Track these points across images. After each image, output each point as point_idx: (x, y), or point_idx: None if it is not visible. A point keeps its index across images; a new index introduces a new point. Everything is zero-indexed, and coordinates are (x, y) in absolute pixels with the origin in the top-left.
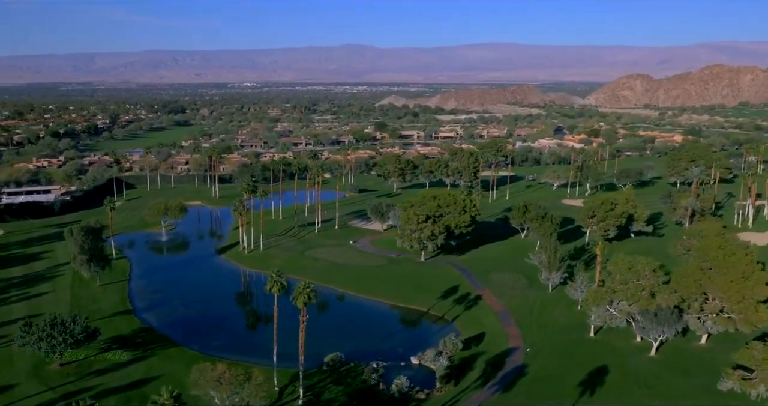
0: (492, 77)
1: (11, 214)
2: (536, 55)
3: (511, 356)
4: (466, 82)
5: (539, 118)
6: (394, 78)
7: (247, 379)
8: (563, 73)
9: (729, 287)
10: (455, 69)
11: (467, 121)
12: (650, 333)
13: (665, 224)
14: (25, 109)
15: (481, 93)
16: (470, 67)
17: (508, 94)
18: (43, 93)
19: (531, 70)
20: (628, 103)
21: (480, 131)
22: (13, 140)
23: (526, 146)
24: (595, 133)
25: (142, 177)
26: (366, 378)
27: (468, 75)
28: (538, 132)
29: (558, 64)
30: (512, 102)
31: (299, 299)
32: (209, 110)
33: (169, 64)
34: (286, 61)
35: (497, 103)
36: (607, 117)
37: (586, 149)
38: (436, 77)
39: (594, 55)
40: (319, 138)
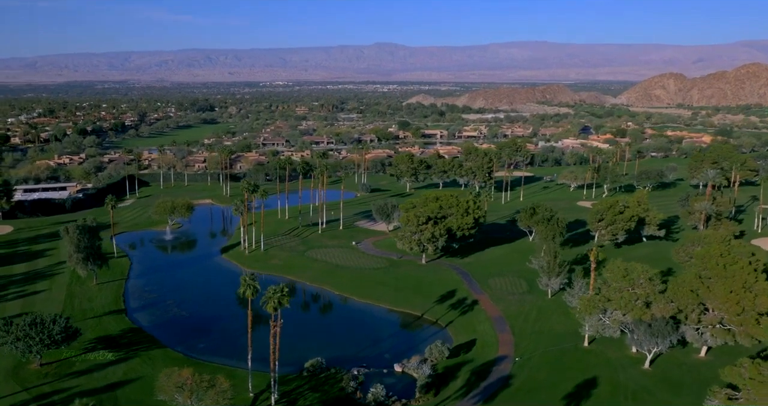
0: (523, 76)
1: (23, 211)
2: (569, 53)
3: (499, 365)
4: (497, 80)
5: (567, 118)
6: (424, 77)
7: (212, 386)
8: (596, 72)
9: (728, 298)
10: (486, 68)
11: (493, 120)
12: (644, 345)
13: (682, 228)
14: (58, 107)
15: (510, 92)
16: (502, 66)
17: (537, 93)
18: (80, 91)
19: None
20: (660, 103)
21: (504, 131)
22: (40, 138)
23: (549, 146)
24: (621, 134)
25: (158, 175)
26: (344, 386)
27: (499, 74)
28: (563, 132)
29: (591, 63)
30: (541, 101)
31: (269, 304)
32: (237, 108)
33: (204, 62)
34: (317, 60)
35: (526, 102)
36: (636, 117)
37: (604, 149)
38: (467, 76)
39: (628, 53)
40: (340, 137)
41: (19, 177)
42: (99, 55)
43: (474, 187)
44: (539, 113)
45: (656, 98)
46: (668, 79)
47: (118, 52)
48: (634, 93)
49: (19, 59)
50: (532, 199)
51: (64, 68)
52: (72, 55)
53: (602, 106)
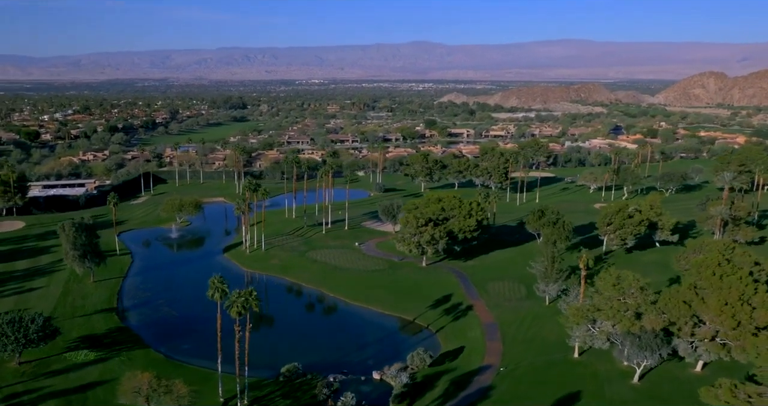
0: (561, 74)
1: (38, 207)
2: (609, 51)
3: (482, 374)
4: (535, 79)
5: (599, 118)
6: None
7: (168, 391)
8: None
9: (723, 311)
10: (524, 66)
11: (523, 119)
12: (632, 358)
13: (700, 233)
14: (94, 104)
15: (544, 91)
16: (539, 65)
17: (572, 92)
18: (120, 88)
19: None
20: (699, 102)
21: (532, 130)
22: (71, 134)
23: (575, 146)
24: (652, 134)
25: (178, 172)
26: (317, 393)
27: (537, 72)
28: (592, 131)
29: (632, 62)
30: (575, 100)
31: (232, 308)
32: (269, 106)
33: (241, 61)
34: (354, 59)
35: (560, 101)
36: (671, 116)
37: (626, 150)
38: (504, 74)
39: (671, 52)
40: (365, 135)
41: (41, 173)
42: (140, 54)
43: (490, 187)
44: (571, 113)
45: (695, 98)
46: (708, 78)
47: (158, 50)
48: (672, 92)
49: (65, 58)
50: (549, 201)
51: (107, 66)
52: (114, 53)
53: (638, 106)
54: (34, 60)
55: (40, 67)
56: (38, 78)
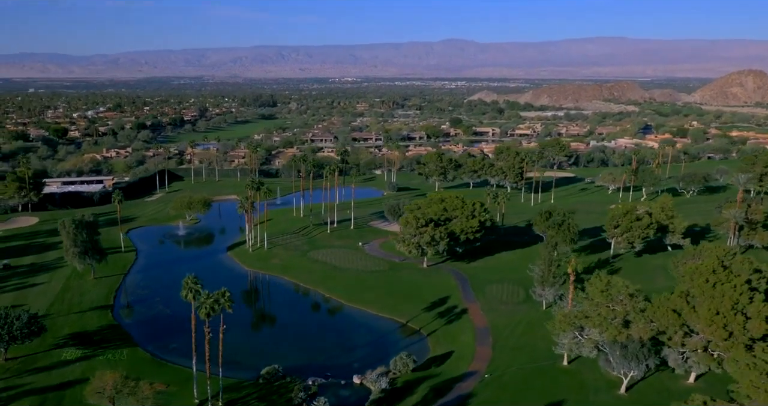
0: (597, 73)
1: (53, 203)
2: (646, 49)
3: (465, 381)
4: (570, 77)
5: (629, 116)
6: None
7: (132, 393)
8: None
9: (714, 320)
10: (558, 64)
11: (552, 118)
12: (617, 368)
13: (717, 237)
14: (127, 102)
15: (576, 89)
16: (574, 63)
17: (604, 90)
18: (156, 86)
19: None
20: (737, 101)
21: (559, 129)
22: (99, 131)
23: (600, 146)
24: (681, 133)
25: (197, 170)
26: (293, 396)
27: (572, 70)
28: (619, 131)
29: (671, 60)
30: (607, 99)
31: (202, 309)
32: (298, 104)
33: (276, 59)
34: (387, 57)
35: (592, 99)
36: (704, 115)
37: (645, 149)
38: (539, 73)
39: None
40: (389, 134)
41: (62, 169)
42: (176, 52)
43: (505, 187)
44: (602, 111)
45: (733, 96)
46: (746, 77)
47: (194, 48)
48: (709, 91)
49: (103, 56)
50: (564, 202)
51: (144, 65)
52: (151, 51)
53: (672, 105)
54: (75, 58)
55: (80, 65)
56: (78, 76)
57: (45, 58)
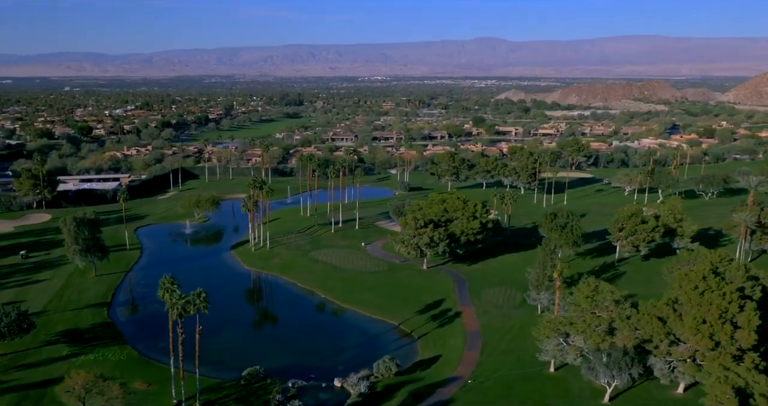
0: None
1: (67, 200)
2: (682, 47)
3: (447, 386)
4: (603, 76)
5: (658, 116)
6: (526, 72)
7: (100, 392)
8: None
9: (699, 329)
10: (592, 63)
11: (578, 117)
12: (599, 377)
13: (730, 241)
14: (156, 100)
15: (605, 88)
16: (608, 61)
17: (634, 89)
18: (188, 85)
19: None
20: None
21: (584, 129)
22: (124, 129)
23: (622, 146)
24: (709, 134)
25: (212, 168)
26: (270, 398)
27: (605, 69)
28: (645, 130)
29: (707, 58)
30: (637, 98)
31: (173, 310)
32: (324, 103)
33: (306, 58)
34: (418, 55)
35: (621, 99)
36: (736, 115)
37: (668, 150)
38: (571, 71)
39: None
40: (410, 133)
41: (82, 167)
42: (209, 51)
43: (518, 187)
44: (630, 111)
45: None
46: None
47: (226, 48)
48: (743, 90)
49: (137, 55)
50: (578, 203)
51: (177, 64)
52: (185, 51)
53: (704, 104)
54: (110, 57)
55: (114, 64)
56: (113, 75)
57: (81, 57)
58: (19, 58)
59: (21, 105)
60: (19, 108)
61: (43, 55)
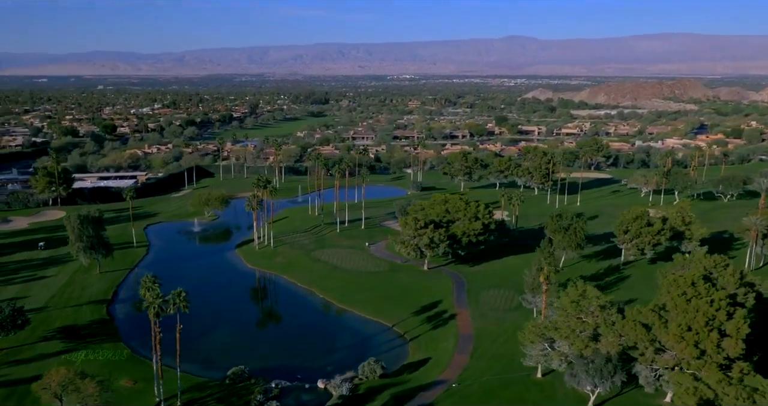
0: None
1: (83, 197)
2: (716, 46)
3: (431, 390)
4: (634, 74)
5: (686, 116)
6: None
7: (75, 389)
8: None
9: (684, 337)
10: (623, 61)
11: (605, 116)
12: (582, 384)
13: (744, 245)
14: (184, 99)
15: (634, 87)
16: (639, 60)
17: (665, 88)
18: (218, 83)
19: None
20: None
21: (608, 128)
22: (148, 127)
23: (645, 146)
24: (736, 134)
25: (228, 166)
26: (251, 399)
27: (636, 67)
28: (670, 130)
29: (742, 56)
30: (668, 97)
31: (150, 310)
32: (349, 102)
33: (336, 56)
34: (446, 54)
35: (651, 98)
36: (766, 115)
37: (679, 151)
38: (602, 70)
39: None
40: (431, 132)
41: (101, 165)
42: (240, 50)
43: (532, 188)
44: (658, 110)
45: None
46: None
47: (256, 46)
48: None
49: (169, 54)
50: (592, 204)
51: (208, 62)
52: (216, 49)
53: (736, 104)
54: (143, 56)
55: (147, 63)
56: (146, 73)
57: (115, 56)
58: (54, 57)
59: (52, 103)
60: (49, 106)
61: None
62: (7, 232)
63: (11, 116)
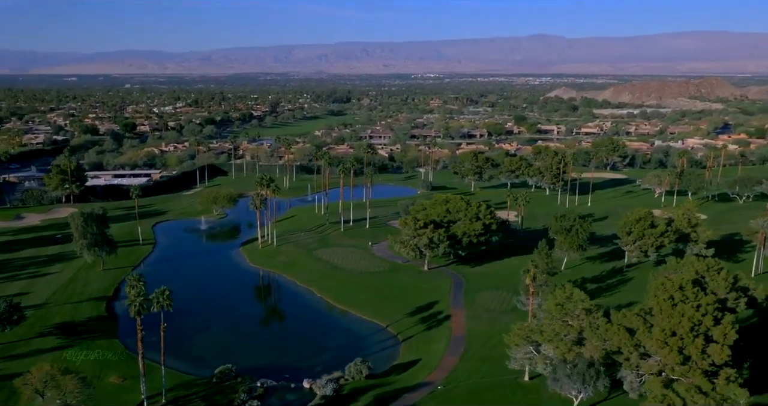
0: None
1: (95, 195)
2: (750, 43)
3: (415, 392)
4: (662, 73)
5: (710, 115)
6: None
7: (56, 386)
8: None
9: (667, 342)
10: (651, 60)
11: (627, 115)
12: (563, 388)
13: (755, 248)
14: (207, 97)
15: (660, 86)
16: (669, 58)
17: (691, 87)
18: (244, 82)
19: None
20: None
21: (628, 128)
22: (168, 126)
23: (664, 146)
24: (760, 133)
25: (241, 165)
26: (234, 397)
27: (665, 66)
28: (692, 130)
29: None
30: (694, 96)
31: (131, 308)
32: (370, 100)
33: (360, 55)
34: (471, 52)
35: (677, 97)
36: None
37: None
38: (630, 68)
39: None
40: (449, 131)
41: (117, 163)
42: (265, 49)
43: (543, 188)
44: (683, 109)
45: None
46: None
47: (281, 45)
48: None
49: (196, 53)
50: (603, 205)
51: (234, 61)
52: (241, 48)
53: (766, 103)
54: (170, 55)
55: (174, 62)
56: (172, 72)
57: (143, 55)
58: (84, 56)
59: (76, 102)
60: (74, 105)
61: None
62: (18, 228)
63: (36, 115)
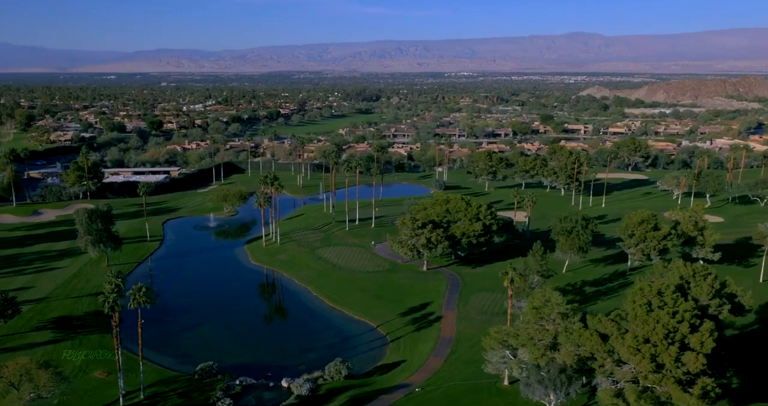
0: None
1: (112, 191)
2: None
3: (393, 393)
4: (703, 72)
5: (746, 115)
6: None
7: (29, 379)
8: None
9: (639, 349)
10: (692, 58)
11: (659, 115)
12: (535, 393)
13: None
14: (238, 95)
15: (695, 85)
16: (710, 56)
17: (728, 86)
18: (278, 80)
19: None
20: None
21: (658, 128)
22: (194, 124)
23: (691, 146)
24: None
25: (256, 163)
26: (211, 394)
27: (706, 64)
28: (723, 130)
29: None
30: (731, 95)
31: (105, 304)
32: (399, 99)
33: (394, 53)
34: (506, 51)
35: (713, 96)
36: None
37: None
38: (668, 67)
39: None
40: (474, 130)
41: (139, 160)
42: (300, 48)
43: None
44: (717, 109)
45: None
46: None
47: (316, 44)
48: None
49: (232, 52)
50: (617, 206)
51: (269, 60)
52: (276, 47)
53: None
54: (206, 54)
55: (210, 60)
56: (208, 70)
57: (179, 53)
58: (124, 55)
59: (109, 100)
60: (107, 103)
61: (144, 52)
62: (34, 224)
63: (69, 112)
